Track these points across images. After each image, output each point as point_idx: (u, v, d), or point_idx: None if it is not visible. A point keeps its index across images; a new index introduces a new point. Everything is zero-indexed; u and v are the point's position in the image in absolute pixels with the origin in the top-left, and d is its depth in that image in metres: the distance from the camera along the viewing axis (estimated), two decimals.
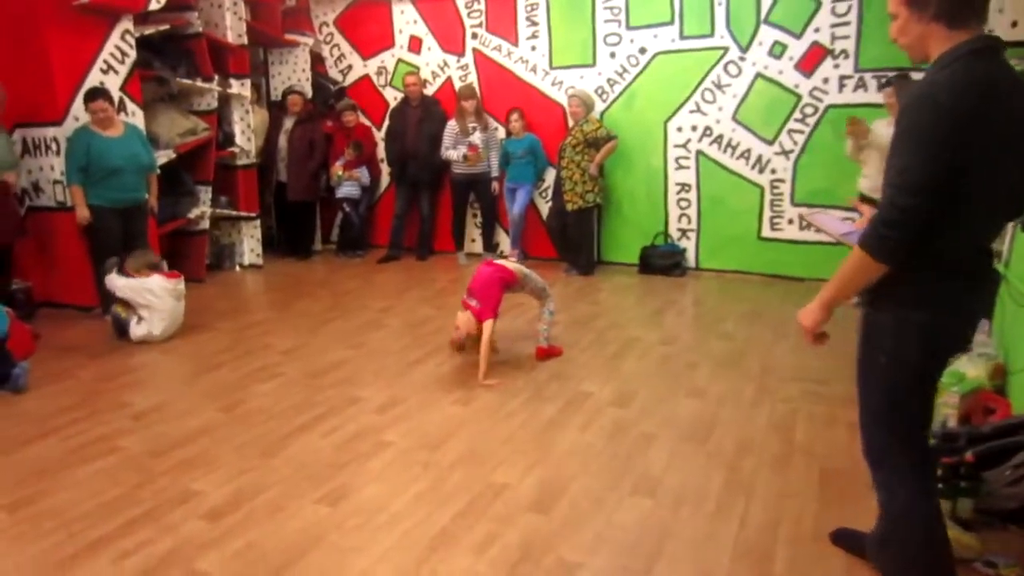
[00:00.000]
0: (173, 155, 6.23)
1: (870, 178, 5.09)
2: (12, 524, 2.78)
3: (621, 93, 6.76)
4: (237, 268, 7.25)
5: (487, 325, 4.12)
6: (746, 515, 2.76)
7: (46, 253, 5.66)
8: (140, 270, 4.95)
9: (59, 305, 5.68)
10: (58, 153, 5.42)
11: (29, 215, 5.63)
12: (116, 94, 5.56)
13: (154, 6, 5.67)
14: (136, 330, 4.89)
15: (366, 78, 7.84)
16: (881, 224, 1.84)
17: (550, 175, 7.07)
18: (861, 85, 5.87)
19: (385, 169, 7.78)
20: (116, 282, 4.89)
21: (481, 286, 4.23)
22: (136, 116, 5.78)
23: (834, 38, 5.92)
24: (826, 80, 6.01)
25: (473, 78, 7.30)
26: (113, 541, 2.64)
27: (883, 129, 4.96)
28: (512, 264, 4.48)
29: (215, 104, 6.68)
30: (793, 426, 3.53)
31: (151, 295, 4.86)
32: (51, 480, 3.11)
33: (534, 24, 6.95)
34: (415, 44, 7.53)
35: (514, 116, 6.91)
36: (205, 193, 6.73)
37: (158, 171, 5.74)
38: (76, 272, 5.55)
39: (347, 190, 7.50)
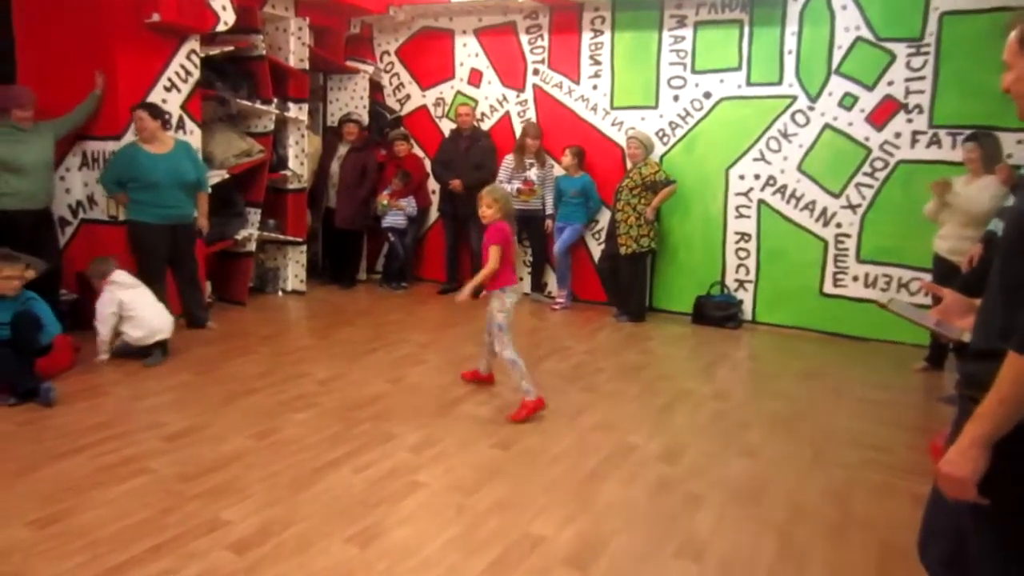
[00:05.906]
0: (227, 175, 6.25)
1: (947, 239, 4.87)
2: (39, 541, 2.70)
3: (682, 137, 6.61)
4: (280, 293, 7.21)
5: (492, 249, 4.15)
6: None
7: None
8: (102, 278, 4.86)
9: None
10: None
11: (83, 227, 5.66)
12: (176, 112, 5.62)
13: (221, 27, 5.71)
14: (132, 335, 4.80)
15: (423, 108, 7.84)
16: None
17: (604, 216, 6.92)
18: (935, 141, 5.64)
19: (436, 200, 7.72)
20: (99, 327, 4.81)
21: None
22: (194, 135, 5.82)
23: (908, 92, 5.72)
24: (898, 135, 5.79)
25: (532, 114, 7.23)
26: (137, 566, 2.53)
27: (961, 188, 4.78)
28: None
29: (272, 126, 6.70)
30: (851, 495, 3.30)
31: (116, 304, 4.77)
32: (80, 498, 3.02)
33: (597, 63, 6.87)
34: (475, 77, 7.51)
35: (568, 153, 6.80)
36: (254, 215, 6.73)
37: (209, 190, 5.74)
38: None
39: (393, 219, 7.44)
